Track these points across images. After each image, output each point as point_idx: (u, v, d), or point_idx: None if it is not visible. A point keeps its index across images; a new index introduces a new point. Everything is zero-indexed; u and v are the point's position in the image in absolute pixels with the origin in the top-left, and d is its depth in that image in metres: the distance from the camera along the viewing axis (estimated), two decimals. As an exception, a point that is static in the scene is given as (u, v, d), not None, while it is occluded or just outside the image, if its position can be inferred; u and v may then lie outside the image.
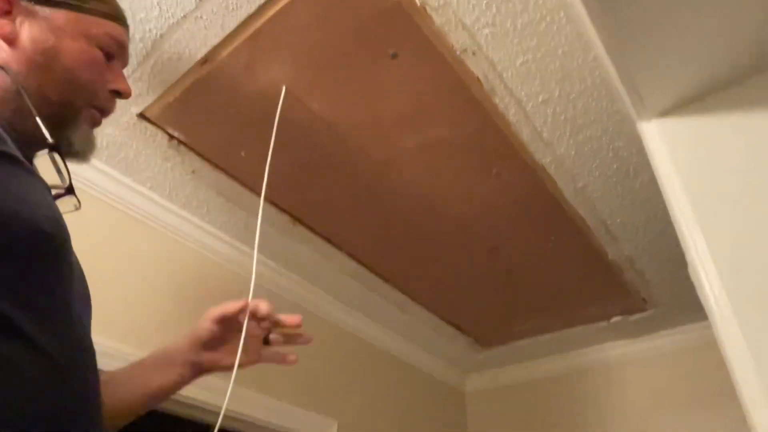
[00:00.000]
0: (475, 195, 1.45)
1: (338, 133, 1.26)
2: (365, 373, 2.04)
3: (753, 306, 0.49)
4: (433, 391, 2.39)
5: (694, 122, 0.57)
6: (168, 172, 1.37)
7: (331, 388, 1.85)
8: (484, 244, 1.65)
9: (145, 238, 1.44)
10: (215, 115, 1.22)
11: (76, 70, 0.69)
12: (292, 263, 1.74)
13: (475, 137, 1.25)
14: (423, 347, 2.31)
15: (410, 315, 2.05)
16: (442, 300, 1.98)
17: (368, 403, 1.99)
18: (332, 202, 1.49)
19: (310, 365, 1.80)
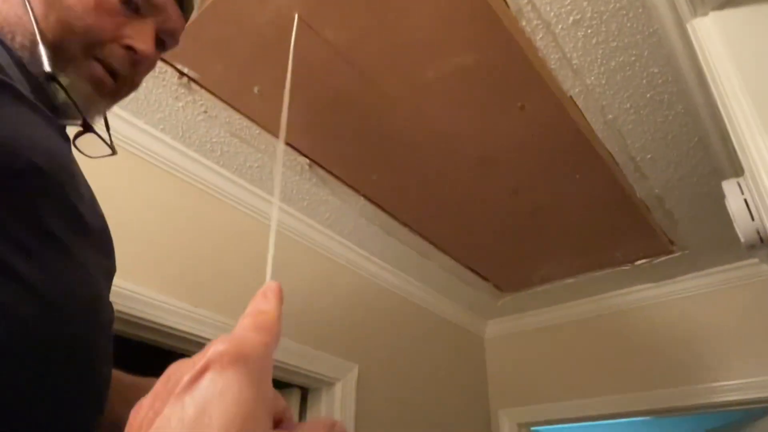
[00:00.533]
0: (497, 131, 1.39)
1: (354, 65, 1.20)
2: (386, 319, 2.05)
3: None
4: (453, 337, 2.41)
5: (752, 13, 0.51)
6: (180, 112, 1.33)
7: (352, 334, 1.86)
8: (507, 185, 1.60)
9: (160, 182, 1.42)
10: (225, 48, 1.17)
11: (78, 7, 0.61)
12: (309, 208, 1.72)
13: (499, 66, 1.19)
14: (443, 293, 2.31)
15: (430, 260, 2.03)
16: (462, 244, 1.96)
17: (388, 348, 2.00)
18: (349, 143, 1.45)
19: (331, 311, 1.81)
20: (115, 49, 0.63)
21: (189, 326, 1.35)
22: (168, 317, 1.31)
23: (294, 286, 1.69)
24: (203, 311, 1.38)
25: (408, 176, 1.58)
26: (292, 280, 1.68)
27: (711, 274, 2.06)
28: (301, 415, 1.70)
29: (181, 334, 1.33)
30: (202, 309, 1.39)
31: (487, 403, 2.44)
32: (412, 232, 1.87)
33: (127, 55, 0.64)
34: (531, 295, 2.33)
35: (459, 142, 1.43)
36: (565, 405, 2.23)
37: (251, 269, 1.54)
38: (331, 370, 1.71)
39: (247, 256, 1.56)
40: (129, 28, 0.64)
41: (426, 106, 1.31)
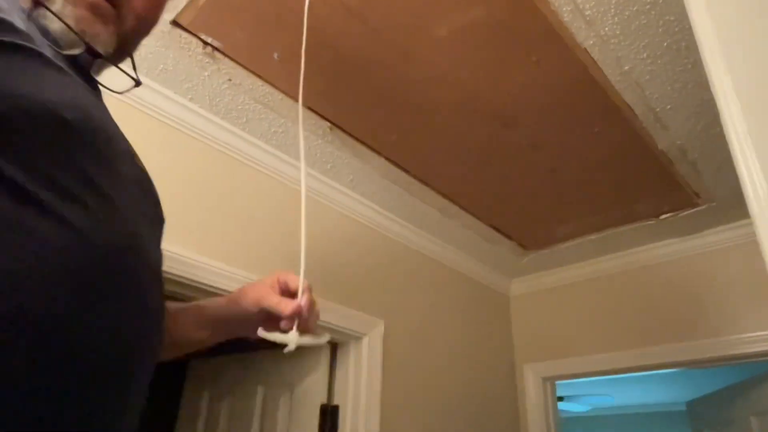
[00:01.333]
0: (513, 86, 1.41)
1: (368, 25, 1.24)
2: (410, 277, 2.12)
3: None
4: (478, 295, 2.48)
5: None
6: (206, 81, 1.40)
7: (378, 291, 1.95)
8: (526, 141, 1.63)
9: (191, 149, 1.50)
10: (244, 16, 1.22)
11: None
12: (333, 171, 1.79)
13: (511, 19, 1.21)
14: (467, 252, 2.37)
15: (452, 219, 2.09)
16: (483, 203, 2.00)
17: (413, 305, 2.09)
18: (367, 105, 1.50)
19: (358, 270, 1.90)
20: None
21: (224, 284, 1.45)
22: (207, 276, 1.42)
23: (321, 246, 1.78)
24: (236, 270, 1.48)
25: (427, 136, 1.62)
26: (319, 241, 1.77)
27: (738, 227, 2.05)
28: (331, 368, 1.81)
29: (214, 290, 1.43)
30: (235, 267, 1.49)
31: (513, 358, 2.52)
32: (434, 192, 1.92)
33: (130, 5, 0.66)
34: (555, 252, 2.37)
35: (475, 100, 1.47)
36: (589, 359, 2.29)
37: (278, 230, 1.63)
38: (358, 325, 1.81)
39: (274, 217, 1.65)
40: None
41: (441, 64, 1.35)
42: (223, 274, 1.46)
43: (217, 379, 2.05)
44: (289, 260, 1.57)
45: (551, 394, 2.41)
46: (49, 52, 0.57)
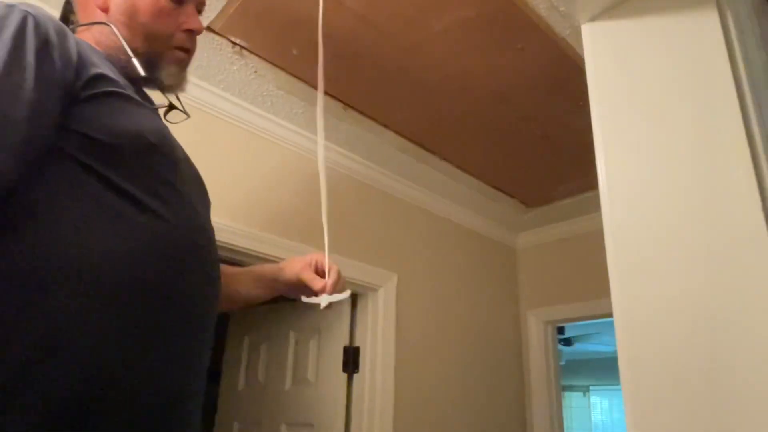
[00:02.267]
0: (503, 70, 1.62)
1: (373, 25, 1.45)
2: (422, 234, 2.39)
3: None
4: (485, 249, 2.74)
5: (612, 26, 0.74)
6: (235, 73, 1.65)
7: (392, 248, 2.23)
8: (516, 114, 1.84)
9: (225, 131, 1.76)
10: (267, 20, 1.45)
11: (151, 24, 0.88)
12: (348, 144, 2.03)
13: (497, 15, 1.40)
14: (473, 210, 2.62)
15: (458, 182, 2.33)
16: (485, 167, 2.23)
17: (425, 259, 2.37)
18: (376, 88, 1.72)
19: (373, 229, 2.17)
20: (181, 35, 0.91)
21: (257, 246, 1.74)
22: (241, 240, 1.70)
23: (342, 210, 2.05)
24: (267, 234, 1.77)
25: (430, 112, 1.85)
26: (340, 206, 2.04)
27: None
28: (352, 315, 2.11)
29: (251, 253, 1.72)
30: (266, 233, 1.77)
31: (518, 306, 2.81)
32: (440, 159, 2.15)
33: (189, 35, 0.93)
34: (556, 208, 2.59)
35: (471, 80, 1.68)
36: (587, 304, 2.55)
37: (302, 198, 1.90)
38: (374, 278, 2.10)
39: (299, 187, 1.92)
40: (182, 16, 0.92)
41: (438, 53, 1.56)
42: (256, 238, 1.74)
43: (256, 327, 2.38)
44: (312, 225, 1.84)
45: (552, 336, 2.70)
46: (130, 89, 0.82)
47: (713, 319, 0.54)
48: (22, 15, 0.67)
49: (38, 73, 0.65)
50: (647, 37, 0.69)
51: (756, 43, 0.66)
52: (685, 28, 0.65)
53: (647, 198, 0.62)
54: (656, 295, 0.60)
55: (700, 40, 0.64)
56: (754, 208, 0.53)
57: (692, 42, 0.64)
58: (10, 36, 0.64)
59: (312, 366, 2.11)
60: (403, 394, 2.07)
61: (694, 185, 0.59)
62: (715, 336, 0.54)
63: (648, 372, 0.59)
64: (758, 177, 0.55)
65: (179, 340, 0.75)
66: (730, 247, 0.54)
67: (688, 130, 0.61)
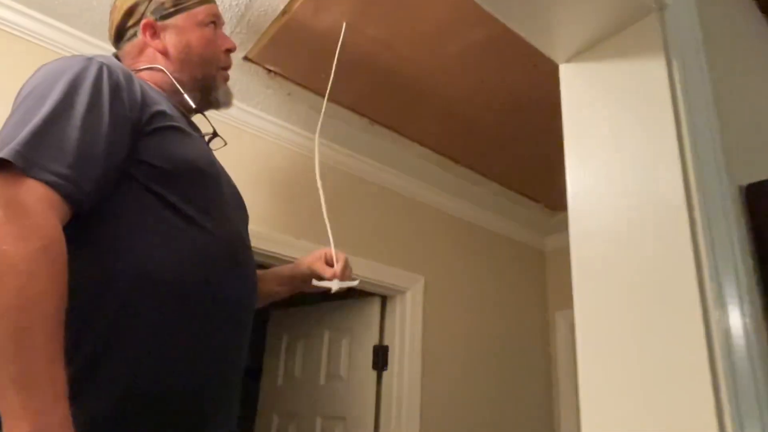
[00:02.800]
0: (519, 85, 1.73)
1: (394, 50, 1.59)
2: (448, 238, 2.51)
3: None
4: (513, 251, 2.83)
5: (582, 68, 0.84)
6: (271, 96, 1.82)
7: (419, 252, 2.36)
8: (535, 125, 1.94)
9: (266, 148, 1.94)
10: (297, 50, 1.61)
11: (204, 52, 1.07)
12: (373, 154, 2.17)
13: (505, 38, 1.51)
14: (499, 214, 2.71)
15: (482, 187, 2.44)
16: (507, 173, 2.34)
17: (452, 262, 2.49)
18: (399, 105, 1.86)
19: (401, 234, 2.31)
20: (223, 55, 1.10)
21: (290, 252, 1.90)
22: (273, 246, 1.87)
23: (371, 217, 2.20)
24: (304, 241, 1.94)
25: (451, 124, 1.97)
26: (369, 214, 2.19)
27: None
28: (382, 316, 2.26)
29: (285, 258, 1.89)
30: (304, 240, 1.94)
31: (546, 307, 2.88)
32: (463, 167, 2.27)
33: (228, 55, 1.11)
34: (582, 212, 2.66)
35: (488, 95, 1.79)
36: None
37: (335, 211, 2.06)
38: (402, 281, 2.23)
39: (331, 200, 2.08)
40: (220, 39, 1.10)
41: (454, 72, 1.68)
42: (290, 245, 1.91)
43: (293, 326, 2.56)
44: (334, 230, 2.00)
45: (580, 337, 2.76)
46: (182, 121, 0.99)
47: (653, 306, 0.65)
48: (98, 66, 0.83)
49: (112, 113, 0.80)
50: (608, 78, 0.80)
51: (700, 79, 0.76)
52: (637, 71, 0.76)
53: (602, 214, 0.74)
54: (609, 299, 0.71)
55: (649, 81, 0.74)
56: (682, 219, 0.65)
57: (642, 83, 0.75)
58: (90, 84, 0.80)
59: (344, 363, 2.26)
60: (430, 390, 2.20)
61: (638, 204, 0.70)
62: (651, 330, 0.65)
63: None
64: (687, 198, 0.66)
65: (221, 333, 0.88)
66: (661, 250, 0.65)
67: (635, 157, 0.73)
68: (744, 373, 0.60)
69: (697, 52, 0.75)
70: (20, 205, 0.66)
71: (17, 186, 0.67)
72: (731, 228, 0.68)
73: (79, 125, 0.75)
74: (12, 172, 0.68)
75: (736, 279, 0.65)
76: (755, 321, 0.66)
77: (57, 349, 0.63)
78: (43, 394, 0.60)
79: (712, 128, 0.73)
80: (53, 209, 0.69)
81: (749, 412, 0.58)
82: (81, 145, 0.74)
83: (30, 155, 0.69)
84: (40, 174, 0.69)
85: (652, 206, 0.69)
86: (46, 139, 0.72)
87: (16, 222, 0.65)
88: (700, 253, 0.63)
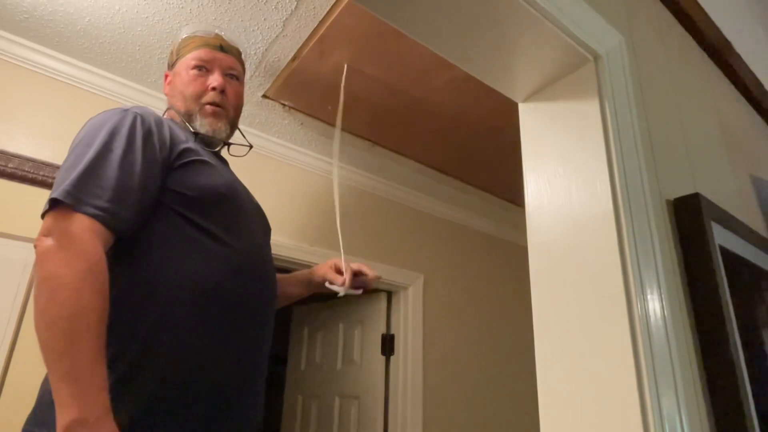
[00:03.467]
0: (495, 110, 1.79)
1: (388, 85, 1.67)
2: (445, 240, 2.58)
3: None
4: (504, 250, 2.89)
5: (535, 107, 0.91)
6: (286, 126, 1.91)
7: (419, 253, 2.43)
8: (513, 143, 2.00)
9: (283, 169, 2.03)
10: (307, 88, 1.69)
11: (184, 88, 1.08)
12: (376, 171, 2.25)
13: (483, 73, 1.59)
14: (489, 218, 2.78)
15: (472, 196, 2.50)
16: (494, 183, 2.40)
17: (448, 260, 2.55)
18: (395, 129, 1.94)
19: (402, 238, 2.38)
20: (209, 92, 1.09)
21: (307, 258, 1.99)
22: (293, 253, 1.96)
23: (375, 224, 2.28)
24: (317, 248, 2.02)
25: (441, 144, 2.04)
26: (374, 221, 2.27)
27: None
28: (388, 309, 2.33)
29: (302, 263, 1.97)
30: (316, 247, 2.02)
31: (530, 299, 2.93)
32: (453, 178, 2.34)
33: (216, 93, 1.09)
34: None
35: (470, 119, 1.86)
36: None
37: (344, 220, 2.13)
38: (404, 278, 2.31)
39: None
40: (209, 79, 1.10)
41: (440, 101, 1.75)
42: (307, 251, 1.99)
43: (313, 320, 2.63)
44: (345, 237, 2.08)
45: (562, 322, 2.80)
46: (204, 153, 1.04)
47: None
48: (133, 116, 0.90)
49: (144, 155, 0.86)
50: (556, 114, 0.86)
51: (629, 113, 0.83)
52: (577, 109, 0.82)
53: (552, 227, 0.81)
54: (557, 297, 0.78)
55: (586, 117, 0.81)
56: (610, 228, 0.72)
57: (581, 118, 0.82)
58: (126, 131, 0.87)
59: (357, 350, 2.34)
60: (431, 373, 2.27)
61: (580, 217, 0.77)
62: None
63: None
64: (615, 210, 0.73)
65: (246, 333, 0.92)
66: (595, 255, 0.72)
67: (578, 178, 0.80)
68: (662, 353, 0.66)
69: (627, 91, 0.82)
70: (70, 235, 0.73)
71: (67, 220, 0.74)
72: (653, 235, 0.74)
73: (117, 166, 0.82)
74: (63, 209, 0.75)
75: (656, 276, 0.71)
76: (672, 310, 0.72)
77: (100, 351, 0.69)
78: (87, 387, 0.65)
79: (639, 153, 0.80)
80: (96, 236, 0.75)
81: (665, 382, 0.65)
82: (119, 183, 0.81)
83: (77, 194, 0.76)
84: (85, 209, 0.76)
85: (590, 218, 0.75)
86: (91, 180, 0.78)
87: (67, 248, 0.72)
88: (625, 256, 0.70)
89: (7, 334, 1.34)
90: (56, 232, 0.73)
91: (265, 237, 1.11)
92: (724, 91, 1.39)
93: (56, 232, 0.73)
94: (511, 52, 0.84)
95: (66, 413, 0.63)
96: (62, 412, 0.63)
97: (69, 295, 0.68)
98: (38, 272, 0.70)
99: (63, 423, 0.63)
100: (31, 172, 1.49)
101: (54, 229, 0.73)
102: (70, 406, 0.63)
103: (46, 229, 0.74)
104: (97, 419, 0.64)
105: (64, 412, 0.63)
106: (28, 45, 1.51)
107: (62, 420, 0.63)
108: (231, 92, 1.12)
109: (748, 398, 0.76)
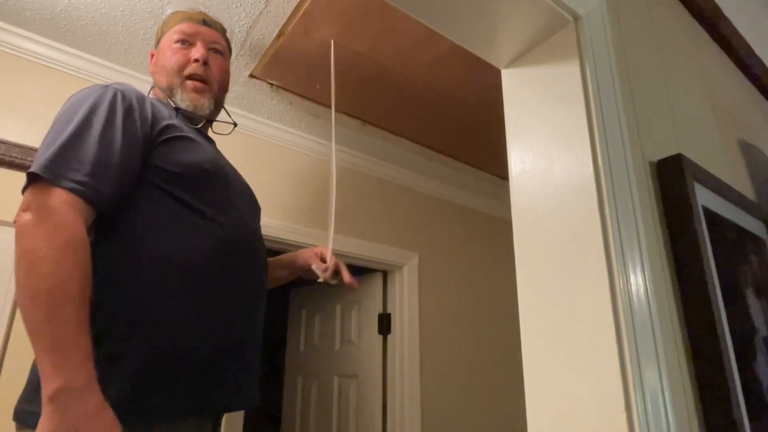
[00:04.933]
0: (485, 84, 1.78)
1: (376, 61, 1.65)
2: (439, 219, 2.58)
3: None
4: (494, 227, 2.89)
5: (517, 72, 0.90)
6: (275, 106, 1.89)
7: (413, 232, 2.43)
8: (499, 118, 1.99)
9: (271, 151, 2.02)
10: (294, 66, 1.68)
11: (166, 61, 1.07)
12: (368, 150, 2.24)
13: (471, 45, 1.57)
14: (481, 195, 2.77)
15: (464, 173, 2.50)
16: (488, 161, 2.39)
17: (442, 239, 2.56)
18: (385, 106, 1.92)
19: (396, 217, 2.38)
20: (191, 65, 1.07)
21: (299, 238, 1.99)
22: (283, 234, 1.96)
23: (367, 203, 2.28)
24: (311, 229, 2.02)
25: (432, 120, 2.03)
26: (366, 200, 2.26)
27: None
28: (384, 288, 2.34)
29: (295, 244, 1.97)
30: (311, 228, 2.02)
31: (528, 274, 2.94)
32: (447, 156, 2.33)
33: (195, 64, 1.06)
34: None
35: (462, 94, 1.84)
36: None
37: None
38: (399, 258, 2.31)
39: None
40: (191, 52, 1.09)
41: (431, 76, 1.74)
42: (300, 232, 2.00)
43: (311, 302, 2.65)
44: (339, 218, 2.08)
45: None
46: (188, 130, 1.02)
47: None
48: (113, 91, 0.89)
49: (125, 130, 0.86)
50: (538, 79, 0.86)
51: (610, 76, 0.82)
52: (558, 73, 0.82)
53: (535, 192, 0.81)
54: (540, 265, 0.78)
55: (567, 81, 0.80)
56: (591, 192, 0.72)
57: (562, 82, 0.81)
58: (106, 107, 0.86)
59: (354, 330, 2.36)
60: (427, 349, 2.29)
61: (561, 182, 0.77)
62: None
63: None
64: (596, 174, 0.73)
65: (236, 308, 0.92)
66: (575, 221, 0.72)
67: (559, 143, 0.79)
68: (642, 313, 0.67)
69: (608, 53, 0.81)
70: (48, 209, 0.73)
71: (45, 194, 0.74)
72: (634, 196, 0.74)
73: (96, 141, 0.81)
74: (42, 183, 0.75)
75: (636, 237, 0.72)
76: (654, 271, 0.73)
77: (82, 321, 0.69)
78: (71, 357, 0.65)
79: (620, 116, 0.79)
80: (75, 210, 0.75)
81: (645, 341, 0.65)
82: (98, 157, 0.80)
83: (55, 168, 0.76)
84: (64, 183, 0.75)
85: (571, 182, 0.75)
86: (69, 155, 0.78)
87: (45, 222, 0.72)
88: (605, 218, 0.70)
89: (1, 320, 1.35)
90: (35, 206, 0.73)
91: (254, 214, 1.11)
92: (713, 57, 1.38)
93: (35, 207, 0.73)
94: (491, 13, 0.83)
95: (51, 383, 0.64)
96: (47, 382, 0.64)
97: (49, 268, 0.68)
98: (18, 246, 0.71)
99: (48, 393, 0.63)
100: (19, 157, 1.48)
101: (32, 204, 0.73)
102: (54, 376, 0.64)
103: (25, 203, 0.74)
104: (83, 387, 0.65)
105: (49, 382, 0.64)
106: (9, 29, 1.49)
107: (47, 390, 0.63)
108: (215, 65, 1.11)
109: (730, 357, 0.76)
